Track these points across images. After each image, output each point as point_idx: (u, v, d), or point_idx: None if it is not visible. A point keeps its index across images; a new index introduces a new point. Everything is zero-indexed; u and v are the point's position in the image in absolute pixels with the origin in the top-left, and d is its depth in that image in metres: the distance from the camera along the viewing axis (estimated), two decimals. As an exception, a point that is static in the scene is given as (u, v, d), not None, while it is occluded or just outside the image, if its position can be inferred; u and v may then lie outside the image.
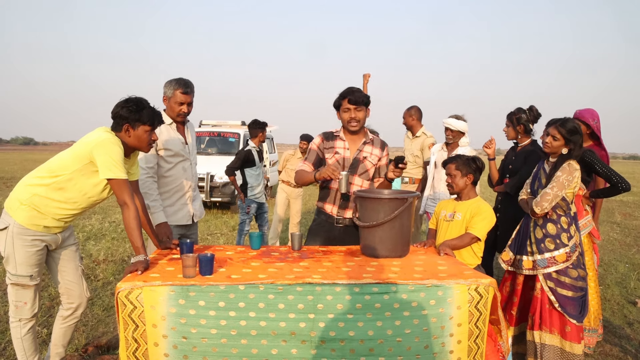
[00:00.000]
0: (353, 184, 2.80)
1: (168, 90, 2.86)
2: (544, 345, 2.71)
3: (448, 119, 3.96)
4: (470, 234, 2.70)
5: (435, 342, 2.01)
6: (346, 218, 2.81)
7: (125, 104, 2.27)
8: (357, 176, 2.82)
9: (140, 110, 2.27)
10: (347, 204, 2.79)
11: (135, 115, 2.25)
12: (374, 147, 2.86)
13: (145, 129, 2.29)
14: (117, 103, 2.30)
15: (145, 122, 2.27)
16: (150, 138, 2.35)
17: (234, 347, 1.92)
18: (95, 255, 5.29)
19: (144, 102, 2.32)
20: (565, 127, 2.69)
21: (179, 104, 2.86)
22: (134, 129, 2.27)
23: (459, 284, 2.04)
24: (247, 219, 5.28)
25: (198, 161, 3.31)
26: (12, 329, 2.36)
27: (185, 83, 2.85)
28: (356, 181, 2.82)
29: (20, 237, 2.24)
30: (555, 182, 2.67)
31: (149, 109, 2.31)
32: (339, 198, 2.80)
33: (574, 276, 2.71)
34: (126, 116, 2.25)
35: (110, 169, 2.17)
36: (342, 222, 2.82)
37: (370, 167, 2.84)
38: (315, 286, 1.98)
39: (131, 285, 1.92)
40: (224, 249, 2.63)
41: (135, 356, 1.92)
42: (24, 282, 2.28)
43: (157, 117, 2.35)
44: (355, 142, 2.84)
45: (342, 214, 2.82)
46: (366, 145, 2.84)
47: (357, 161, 2.82)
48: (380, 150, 2.87)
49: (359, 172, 2.82)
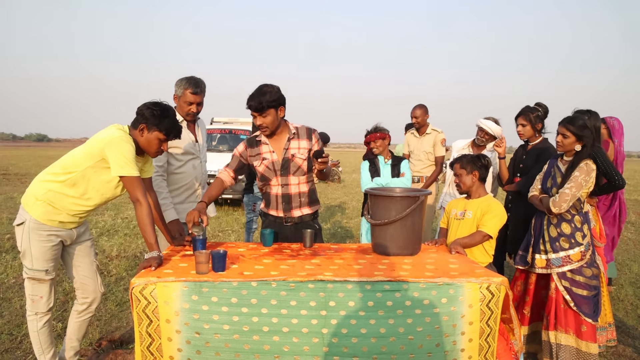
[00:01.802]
0: (290, 185, 2.74)
1: (178, 89, 2.86)
2: (559, 345, 2.69)
3: (486, 120, 3.80)
4: (481, 232, 2.68)
5: (447, 340, 2.01)
6: (294, 217, 2.78)
7: (152, 106, 2.31)
8: (291, 176, 2.73)
9: (163, 118, 2.29)
10: (289, 206, 2.77)
11: (155, 120, 2.28)
12: (300, 140, 2.73)
13: (159, 136, 2.32)
14: (146, 102, 2.34)
15: (161, 130, 2.30)
16: (160, 147, 2.37)
17: (246, 343, 1.94)
18: (108, 251, 5.35)
19: (169, 112, 2.34)
20: (573, 123, 2.66)
21: (188, 104, 2.87)
22: (149, 131, 2.30)
23: (470, 282, 2.03)
24: (253, 217, 5.30)
25: (209, 158, 3.32)
26: (29, 322, 2.41)
27: (196, 83, 2.84)
28: (292, 180, 2.74)
29: (36, 232, 2.28)
30: (574, 182, 2.64)
31: (171, 120, 2.33)
32: (280, 202, 2.77)
33: (588, 275, 2.69)
34: (147, 117, 2.28)
35: (122, 166, 2.20)
36: (291, 220, 2.79)
37: (302, 162, 2.73)
38: (327, 283, 1.99)
39: (145, 280, 1.95)
40: (235, 245, 2.64)
41: (149, 351, 1.95)
42: (39, 277, 2.32)
43: (176, 130, 2.37)
44: (279, 141, 2.73)
45: (289, 214, 2.78)
46: (291, 141, 2.72)
47: (287, 161, 2.71)
48: (307, 141, 2.74)
49: (292, 172, 2.72)
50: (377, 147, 3.81)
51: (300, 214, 2.78)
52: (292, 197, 2.75)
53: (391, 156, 3.89)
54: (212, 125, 11.01)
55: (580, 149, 2.69)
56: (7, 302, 3.67)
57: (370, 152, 3.90)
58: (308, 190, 2.80)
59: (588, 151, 2.68)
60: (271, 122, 2.61)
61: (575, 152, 2.72)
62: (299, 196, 2.77)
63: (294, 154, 2.71)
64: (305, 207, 2.80)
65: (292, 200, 2.76)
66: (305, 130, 2.77)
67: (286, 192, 2.75)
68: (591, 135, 2.67)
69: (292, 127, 2.75)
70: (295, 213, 2.77)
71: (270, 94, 2.56)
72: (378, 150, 3.83)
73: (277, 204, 2.77)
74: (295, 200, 2.76)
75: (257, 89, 2.59)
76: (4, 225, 6.70)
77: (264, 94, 2.55)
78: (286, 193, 2.75)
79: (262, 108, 2.55)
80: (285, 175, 2.72)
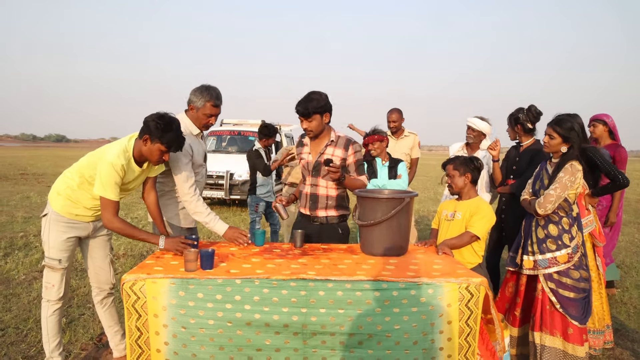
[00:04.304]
0: (319, 186, 2.92)
1: (198, 100, 2.73)
2: (543, 346, 2.71)
3: (472, 118, 3.96)
4: (469, 233, 2.73)
5: (425, 338, 2.06)
6: (319, 217, 2.95)
7: (157, 119, 2.41)
8: (321, 178, 2.91)
9: (166, 131, 2.40)
10: (315, 206, 2.94)
11: (158, 133, 2.39)
12: (336, 148, 2.89)
13: (161, 148, 2.43)
14: (153, 114, 2.46)
15: (163, 143, 2.41)
16: (161, 157, 2.48)
17: (229, 338, 2.03)
18: (115, 249, 5.50)
19: (172, 125, 2.43)
20: (560, 124, 2.69)
21: (208, 116, 2.77)
22: (152, 142, 2.42)
23: (449, 283, 2.08)
24: (256, 218, 5.39)
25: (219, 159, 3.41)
26: (42, 308, 2.61)
27: (217, 95, 2.77)
28: (321, 183, 2.91)
29: (55, 223, 2.53)
30: (558, 184, 2.66)
31: (174, 133, 2.43)
32: (308, 201, 2.96)
33: (576, 277, 2.71)
34: (152, 130, 2.40)
35: (104, 187, 2.39)
36: (318, 220, 2.96)
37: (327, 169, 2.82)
38: (308, 282, 2.06)
39: (135, 277, 2.05)
40: (228, 245, 2.73)
41: (137, 344, 2.05)
42: (53, 265, 2.54)
43: (177, 143, 2.46)
44: (318, 145, 2.92)
45: (314, 213, 2.95)
46: (329, 147, 2.89)
47: (318, 164, 2.89)
48: (343, 151, 2.88)
49: (322, 174, 2.89)
50: (375, 149, 3.87)
51: (325, 214, 2.93)
52: (319, 197, 2.92)
53: (389, 158, 3.95)
54: (222, 127, 11.15)
55: (566, 151, 2.72)
56: (16, 298, 3.82)
57: (368, 154, 3.96)
58: (336, 195, 2.93)
59: (574, 153, 2.70)
60: (316, 127, 2.81)
61: (562, 154, 2.75)
62: (326, 199, 2.92)
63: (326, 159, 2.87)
64: (331, 209, 2.93)
65: (319, 201, 2.92)
66: (345, 141, 2.91)
67: (314, 192, 2.94)
68: (577, 137, 2.70)
69: (334, 135, 2.91)
70: (320, 213, 2.93)
71: (317, 101, 2.75)
72: (376, 152, 3.89)
73: (306, 202, 2.98)
74: (322, 202, 2.92)
75: (306, 96, 2.78)
76: (18, 223, 6.92)
77: (311, 101, 2.74)
78: (314, 193, 2.94)
79: (308, 113, 2.75)
80: (315, 177, 2.92)
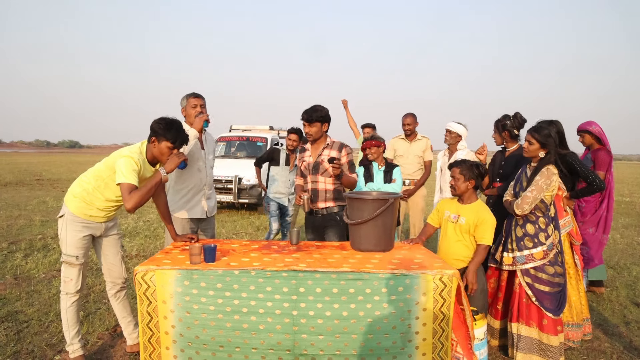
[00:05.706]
0: (318, 182, 3.44)
1: (182, 102, 3.38)
2: (520, 336, 2.93)
3: (451, 122, 4.39)
4: (482, 245, 2.87)
5: (402, 323, 2.30)
6: (319, 208, 3.46)
7: (159, 120, 2.74)
8: (319, 175, 3.44)
9: (168, 129, 2.70)
10: (316, 199, 3.44)
11: (162, 131, 2.69)
12: (331, 150, 3.44)
13: (168, 144, 2.71)
14: (156, 119, 2.76)
15: (168, 139, 2.70)
16: (171, 154, 2.75)
17: (228, 322, 2.30)
18: (128, 250, 5.81)
19: (174, 123, 2.74)
20: (538, 132, 2.93)
21: (193, 106, 3.33)
22: (159, 142, 2.71)
23: (425, 274, 2.33)
24: (270, 218, 5.53)
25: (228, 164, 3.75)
26: (61, 300, 2.86)
27: (193, 92, 3.36)
28: (320, 179, 3.44)
29: (71, 223, 2.77)
30: (535, 186, 2.89)
31: (176, 129, 2.73)
32: (310, 196, 3.44)
33: (551, 272, 2.92)
34: (156, 130, 2.70)
35: (124, 175, 2.59)
36: (320, 212, 3.47)
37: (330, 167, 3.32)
38: (298, 273, 2.33)
39: (146, 268, 2.33)
40: (230, 242, 3.01)
41: (149, 327, 2.33)
42: (71, 261, 2.78)
43: (181, 138, 2.76)
44: (317, 148, 3.48)
45: (316, 206, 3.46)
46: (325, 150, 3.44)
47: (317, 164, 3.43)
48: (337, 152, 3.43)
49: (320, 172, 3.42)
50: (372, 154, 4.11)
51: (325, 205, 3.43)
52: (319, 192, 3.44)
53: (385, 163, 4.19)
54: (231, 132, 11.42)
55: (543, 156, 2.95)
56: (37, 294, 4.13)
57: (365, 159, 4.21)
58: (333, 189, 3.45)
59: (551, 157, 2.93)
60: (315, 132, 3.39)
61: (539, 159, 2.97)
62: (325, 192, 3.43)
63: (324, 159, 3.41)
64: (330, 201, 3.44)
65: (319, 195, 3.44)
66: (338, 145, 3.48)
67: (315, 188, 3.45)
68: (554, 144, 2.93)
69: (330, 140, 3.49)
70: (320, 205, 3.43)
71: (320, 112, 3.36)
72: (373, 157, 4.13)
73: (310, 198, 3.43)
74: (322, 195, 3.43)
75: (312, 106, 3.39)
76: (36, 226, 7.28)
77: (315, 111, 3.35)
78: (315, 188, 3.45)
79: (311, 120, 3.35)
80: (315, 174, 3.44)
